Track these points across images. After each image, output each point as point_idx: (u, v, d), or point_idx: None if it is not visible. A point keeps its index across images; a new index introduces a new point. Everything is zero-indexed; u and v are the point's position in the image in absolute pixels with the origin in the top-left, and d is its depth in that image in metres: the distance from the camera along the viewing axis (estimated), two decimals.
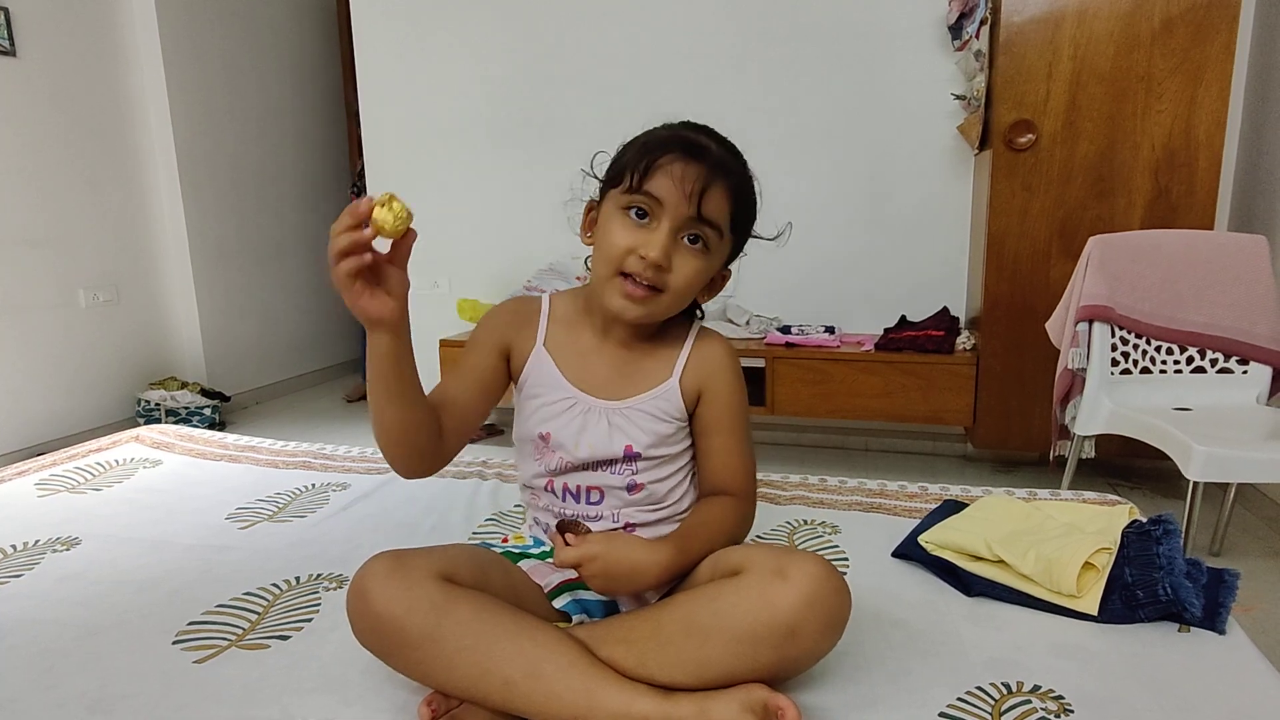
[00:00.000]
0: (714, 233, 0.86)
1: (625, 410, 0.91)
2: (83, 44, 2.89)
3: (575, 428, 0.91)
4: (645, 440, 0.91)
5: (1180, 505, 1.62)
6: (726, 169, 0.85)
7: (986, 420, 2.34)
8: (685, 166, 0.82)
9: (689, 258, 0.85)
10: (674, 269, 0.84)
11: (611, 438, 0.90)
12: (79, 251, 2.90)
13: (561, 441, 0.91)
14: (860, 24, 2.57)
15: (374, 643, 0.76)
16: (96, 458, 1.61)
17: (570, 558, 0.80)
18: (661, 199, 0.83)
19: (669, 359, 0.94)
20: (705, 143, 0.86)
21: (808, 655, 0.75)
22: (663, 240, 0.83)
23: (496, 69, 2.94)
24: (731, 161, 0.87)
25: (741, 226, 0.90)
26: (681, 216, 0.83)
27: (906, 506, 1.29)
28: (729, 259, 0.93)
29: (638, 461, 0.91)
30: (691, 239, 0.85)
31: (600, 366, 0.93)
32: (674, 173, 0.82)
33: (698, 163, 0.83)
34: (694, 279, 0.86)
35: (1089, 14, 2.09)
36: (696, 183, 0.82)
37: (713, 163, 0.84)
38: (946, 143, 2.54)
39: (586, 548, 0.80)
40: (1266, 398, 1.82)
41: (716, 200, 0.84)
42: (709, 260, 0.87)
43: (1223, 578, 0.94)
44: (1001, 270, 2.27)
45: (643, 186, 0.83)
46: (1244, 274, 1.83)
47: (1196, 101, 2.06)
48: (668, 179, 0.82)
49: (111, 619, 0.95)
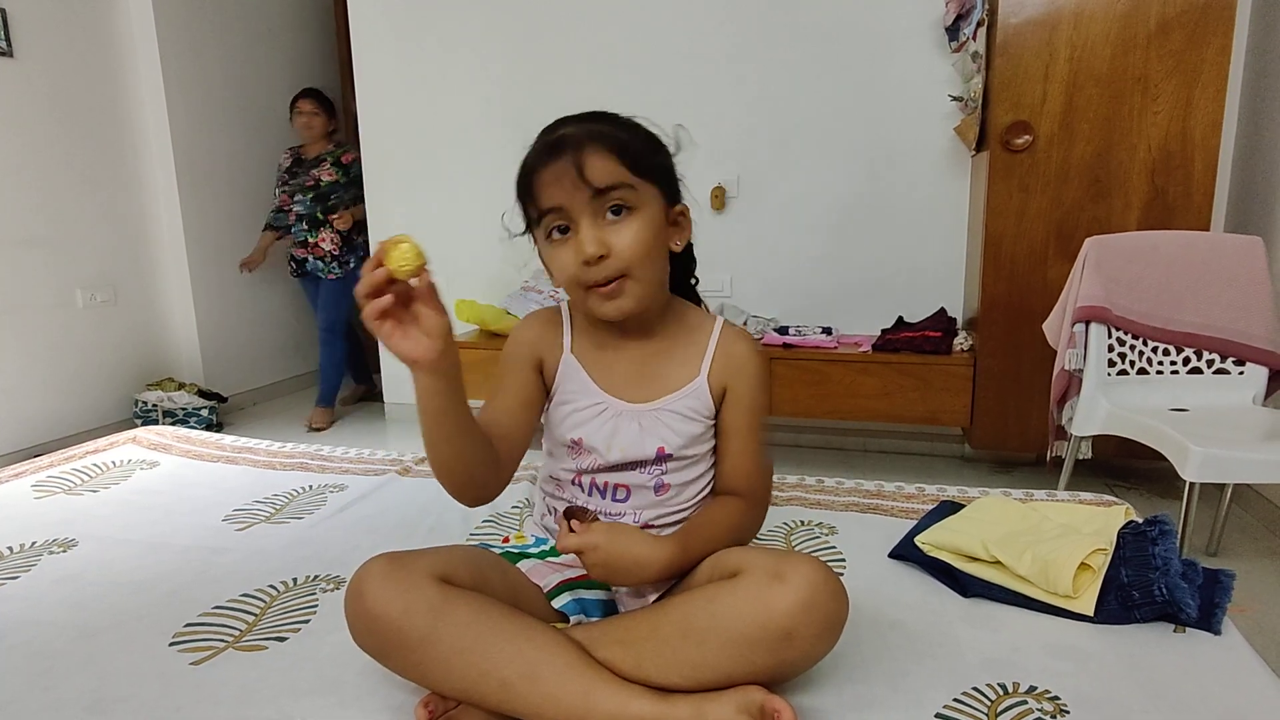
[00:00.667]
0: (624, 191, 0.83)
1: (655, 412, 0.92)
2: (80, 45, 2.89)
3: (607, 431, 0.91)
4: (677, 441, 0.91)
5: (1177, 506, 1.62)
6: (589, 135, 0.83)
7: (984, 421, 2.34)
8: (551, 164, 0.82)
9: (623, 228, 0.83)
10: (616, 248, 0.83)
11: (643, 440, 0.91)
12: (77, 252, 2.90)
13: (594, 445, 0.91)
14: (858, 25, 2.57)
15: (371, 644, 0.76)
16: (93, 459, 1.61)
17: (572, 544, 0.79)
18: (559, 205, 0.83)
19: (695, 356, 0.94)
20: (557, 133, 0.84)
21: (804, 658, 0.75)
22: (588, 234, 0.82)
23: (494, 69, 2.94)
24: (590, 126, 0.84)
25: (650, 169, 0.86)
26: (582, 203, 0.82)
27: (903, 507, 1.29)
28: (670, 199, 0.90)
29: (668, 462, 0.92)
30: (613, 211, 0.83)
31: (626, 369, 0.94)
32: (549, 177, 0.82)
33: (559, 152, 0.82)
34: (640, 240, 0.84)
35: (1085, 16, 2.09)
36: (569, 167, 0.81)
37: (572, 141, 0.82)
38: (943, 144, 2.54)
39: (589, 536, 0.79)
40: (1263, 398, 1.82)
41: (600, 166, 0.81)
42: (642, 215, 0.84)
43: (1218, 578, 0.94)
44: (999, 271, 2.27)
45: (540, 206, 0.84)
46: (1240, 275, 1.84)
47: (1193, 103, 2.07)
48: (550, 185, 0.82)
49: (108, 620, 0.95)
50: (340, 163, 3.18)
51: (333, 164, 3.17)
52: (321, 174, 3.17)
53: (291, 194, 3.21)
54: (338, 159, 3.18)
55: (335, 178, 3.17)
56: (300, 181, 3.19)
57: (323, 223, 3.15)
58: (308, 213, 3.17)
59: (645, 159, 0.85)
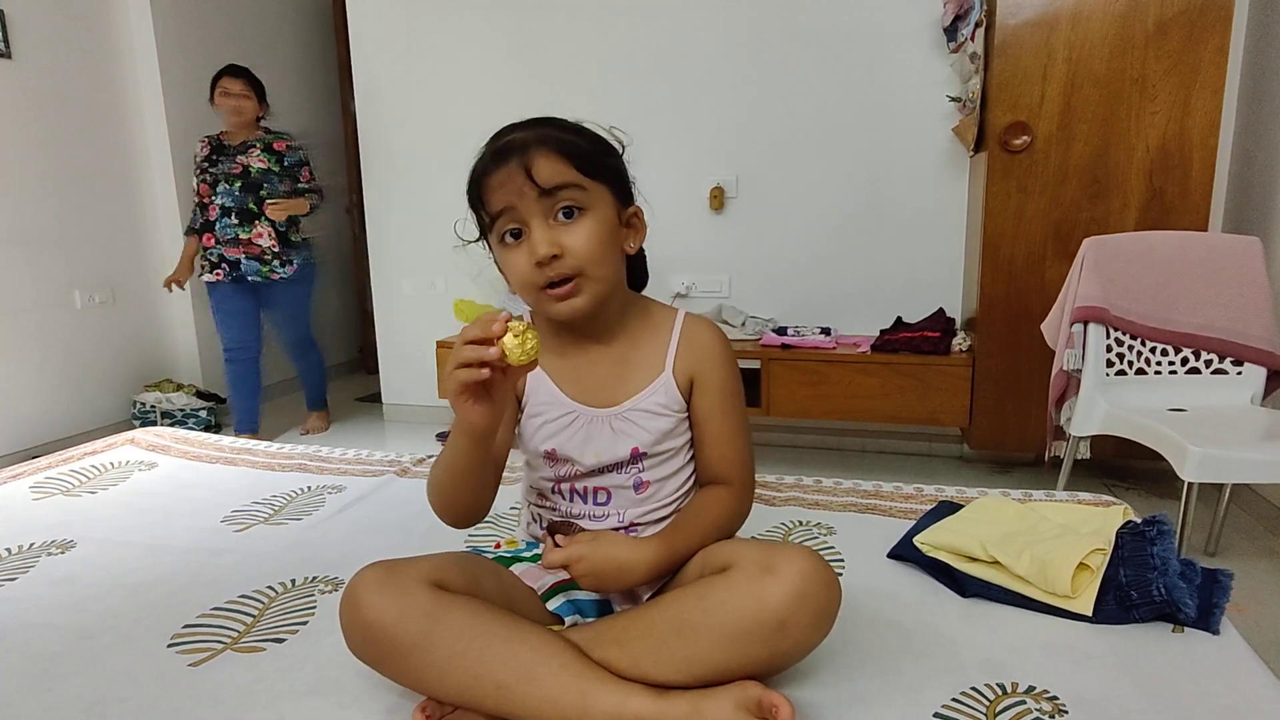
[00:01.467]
0: (574, 191, 0.83)
1: (626, 413, 0.91)
2: (78, 46, 2.89)
3: (580, 439, 0.91)
4: (649, 439, 0.91)
5: (1175, 505, 1.62)
6: (536, 138, 0.83)
7: (982, 421, 2.35)
8: (499, 168, 0.83)
9: (575, 228, 0.83)
10: (568, 248, 0.83)
11: (616, 442, 0.91)
12: (75, 253, 2.89)
13: (569, 454, 0.91)
14: (856, 26, 2.57)
15: (367, 652, 0.76)
16: (92, 460, 1.60)
17: (557, 559, 0.81)
18: (509, 206, 0.83)
19: (659, 351, 0.94)
20: (504, 139, 0.85)
21: (798, 648, 0.75)
22: (540, 235, 0.82)
23: (492, 70, 2.94)
24: (537, 129, 0.85)
25: (599, 169, 0.85)
26: (532, 203, 0.82)
27: (902, 508, 1.30)
28: (622, 200, 0.89)
29: (644, 460, 0.92)
30: (565, 213, 0.83)
31: (593, 374, 0.93)
32: (498, 180, 0.83)
33: (506, 156, 0.82)
34: (592, 240, 0.84)
35: (1083, 17, 2.10)
36: (517, 169, 0.81)
37: (519, 144, 0.83)
38: (942, 145, 2.55)
39: (573, 549, 0.80)
40: (1261, 398, 1.83)
41: (547, 167, 0.82)
42: (594, 215, 0.85)
43: (1217, 578, 0.94)
44: (997, 271, 2.27)
45: (491, 210, 0.84)
46: (1238, 275, 1.84)
47: (1190, 104, 2.07)
48: (499, 189, 0.83)
49: (106, 622, 0.95)
50: (272, 149, 2.78)
51: (263, 150, 2.76)
52: (250, 160, 2.74)
53: (214, 184, 2.73)
54: (269, 145, 2.78)
55: (268, 165, 2.75)
56: (224, 169, 2.73)
57: (257, 215, 2.73)
58: (236, 205, 2.72)
59: (594, 160, 0.85)
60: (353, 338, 4.33)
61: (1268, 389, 1.84)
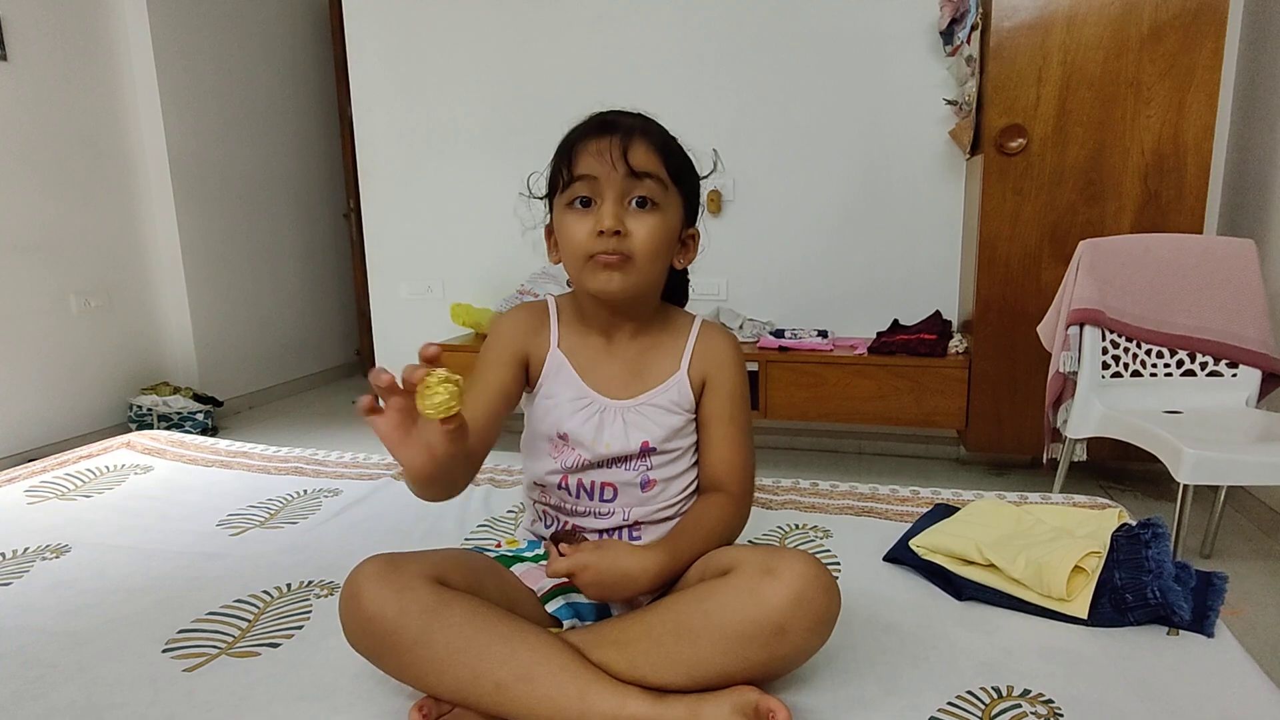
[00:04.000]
0: (656, 185, 0.87)
1: (639, 407, 0.93)
2: (75, 50, 2.88)
3: (593, 426, 0.93)
4: (659, 434, 0.93)
5: (1171, 507, 1.63)
6: (643, 128, 0.88)
7: (979, 423, 2.35)
8: (601, 139, 0.86)
9: (643, 218, 0.87)
10: (632, 233, 0.86)
11: (628, 435, 0.92)
12: (71, 257, 2.89)
13: (581, 439, 0.92)
14: (853, 29, 2.58)
15: (366, 645, 0.76)
16: (87, 464, 1.60)
17: (562, 568, 0.80)
18: (595, 175, 0.86)
19: (676, 352, 0.97)
20: (614, 116, 0.90)
21: (798, 652, 0.75)
22: (611, 209, 0.85)
23: (488, 74, 2.94)
24: (645, 122, 0.90)
25: (682, 178, 0.91)
26: (618, 181, 0.85)
27: (898, 510, 1.30)
28: (689, 218, 0.94)
29: (652, 457, 0.93)
30: (639, 202, 0.87)
31: (611, 366, 0.96)
32: (595, 148, 0.86)
33: (612, 131, 0.86)
34: (655, 236, 0.88)
35: (1078, 20, 2.10)
36: (618, 146, 0.85)
37: (627, 126, 0.87)
38: (938, 147, 2.55)
39: (578, 558, 0.80)
40: (1256, 400, 1.83)
41: (643, 153, 0.86)
42: (663, 216, 0.89)
43: (1211, 581, 0.95)
44: (993, 274, 2.28)
45: (574, 174, 0.87)
46: (1232, 277, 1.84)
47: (1185, 106, 2.08)
48: (592, 156, 0.86)
49: (101, 627, 0.95)
50: None
51: None
52: None
53: None
54: None
55: None
56: None
57: None
58: None
59: (681, 168, 0.91)
60: (350, 341, 4.32)
61: (1263, 391, 1.84)
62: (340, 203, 4.16)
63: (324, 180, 4.07)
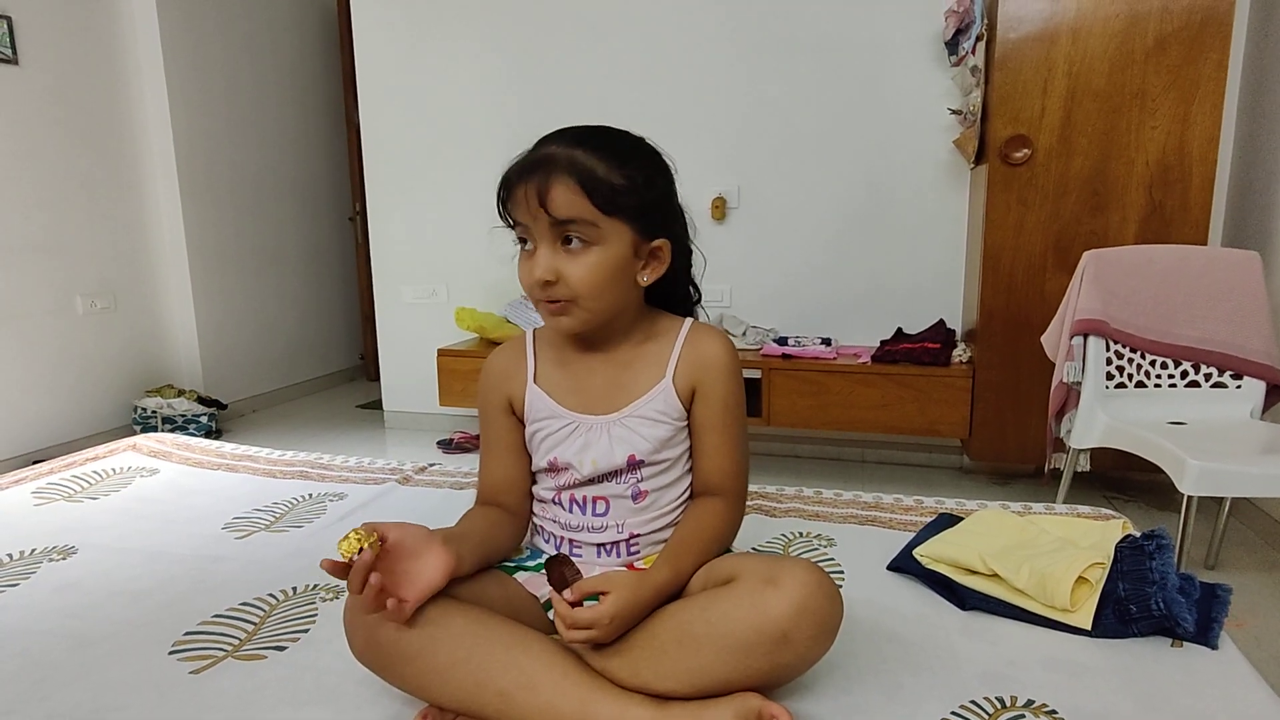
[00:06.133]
0: (583, 226, 0.83)
1: (624, 420, 0.92)
2: (84, 53, 2.90)
3: (578, 446, 0.92)
4: (647, 446, 0.91)
5: (1175, 518, 1.63)
6: (565, 164, 0.82)
7: (982, 433, 2.35)
8: (522, 185, 0.84)
9: (576, 260, 0.84)
10: (565, 276, 0.84)
11: (614, 449, 0.91)
12: (78, 259, 2.90)
13: (568, 461, 0.92)
14: (858, 38, 2.59)
15: (370, 657, 0.77)
16: (93, 466, 1.61)
17: (582, 631, 0.75)
18: (524, 222, 0.85)
19: (661, 360, 0.94)
20: (542, 151, 0.85)
21: (801, 661, 0.75)
22: (543, 260, 0.84)
23: (495, 79, 2.96)
24: (574, 152, 0.83)
25: (619, 205, 0.84)
26: (543, 228, 0.84)
27: (902, 520, 1.30)
28: (648, 233, 0.88)
29: (642, 469, 0.92)
30: (566, 240, 0.84)
31: (594, 382, 0.94)
32: (519, 195, 0.84)
33: (530, 174, 0.83)
34: (591, 274, 0.84)
35: (1084, 31, 2.11)
36: (534, 194, 0.82)
37: (547, 166, 0.82)
38: (942, 157, 2.56)
39: (598, 612, 0.75)
40: (1260, 412, 1.83)
41: (561, 198, 0.82)
42: (602, 250, 0.84)
43: (1215, 592, 0.95)
44: (997, 283, 2.28)
45: (511, 218, 0.87)
46: (1237, 289, 1.85)
47: (1190, 118, 2.08)
48: (519, 203, 0.85)
49: (107, 629, 0.95)
50: None
51: None
52: None
53: None
54: None
55: None
56: None
57: None
58: None
59: (615, 198, 0.83)
60: (354, 344, 4.33)
61: (1267, 403, 1.84)
62: (345, 206, 4.18)
63: (329, 184, 4.08)
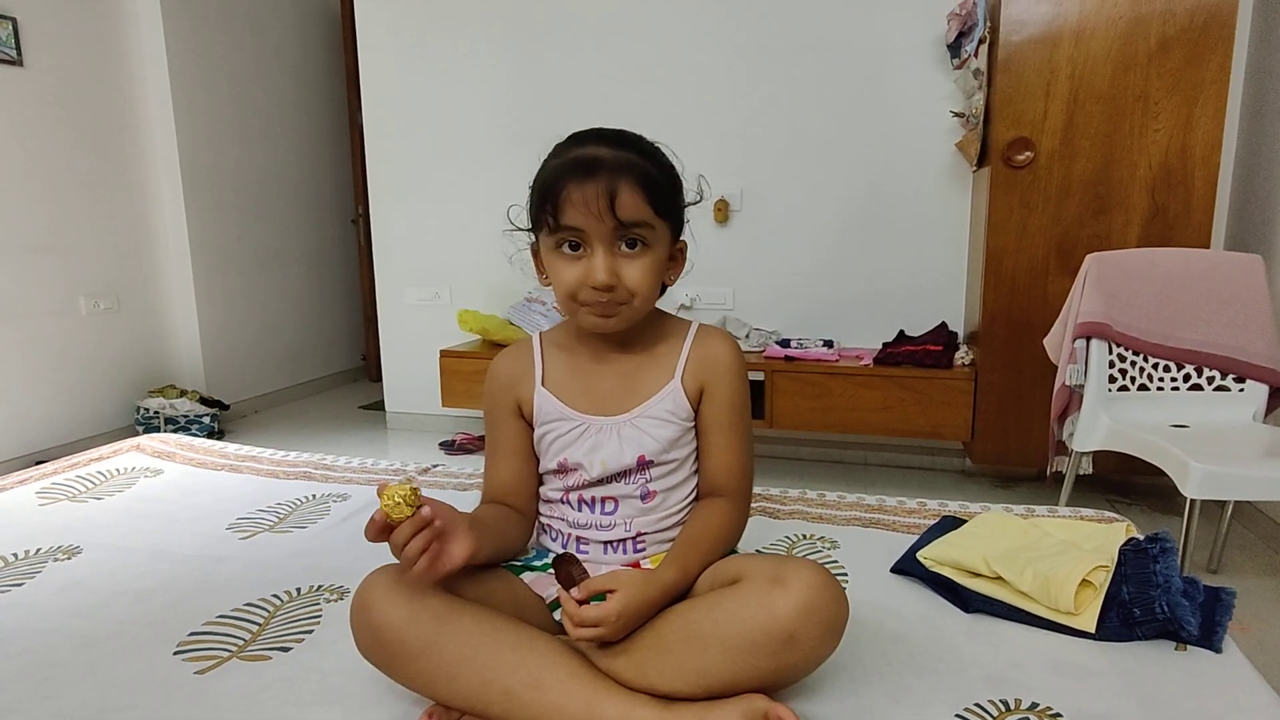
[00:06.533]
0: (644, 229, 0.85)
1: (634, 421, 0.92)
2: (89, 54, 2.91)
3: (588, 447, 0.92)
4: (656, 447, 0.92)
5: (1178, 522, 1.62)
6: (625, 166, 0.83)
7: (985, 435, 2.35)
8: (585, 188, 0.81)
9: (634, 262, 0.85)
10: (624, 278, 0.85)
11: (623, 450, 0.91)
12: (81, 259, 2.91)
13: (578, 462, 0.92)
14: (861, 41, 2.59)
15: (376, 655, 0.77)
16: (98, 466, 1.61)
17: (589, 629, 0.76)
18: (581, 227, 0.83)
19: (669, 360, 0.95)
20: (594, 153, 0.83)
21: (807, 661, 0.75)
22: (601, 264, 0.84)
23: (499, 82, 2.96)
24: (627, 155, 0.84)
25: (668, 207, 0.87)
26: (606, 233, 0.83)
27: (905, 522, 1.30)
28: (674, 236, 0.92)
29: (651, 469, 0.93)
30: (629, 244, 0.85)
31: (604, 383, 0.95)
32: (579, 199, 0.82)
33: (594, 178, 0.81)
34: (647, 277, 0.86)
35: (1086, 34, 2.11)
36: (603, 197, 0.81)
37: (609, 169, 0.82)
38: (945, 159, 2.56)
39: (607, 610, 0.76)
40: (1263, 415, 1.83)
41: (629, 201, 0.82)
42: (654, 252, 0.87)
43: (1219, 596, 0.95)
44: (1000, 286, 2.28)
45: (560, 224, 0.84)
46: (1240, 293, 1.85)
47: (1193, 121, 2.08)
48: (577, 208, 0.82)
49: (112, 629, 0.95)
50: None
51: None
52: None
53: None
54: None
55: None
56: None
57: None
58: None
59: (668, 198, 0.87)
60: (356, 345, 4.34)
61: (1270, 406, 1.84)
62: (349, 208, 4.18)
63: (333, 186, 4.09)
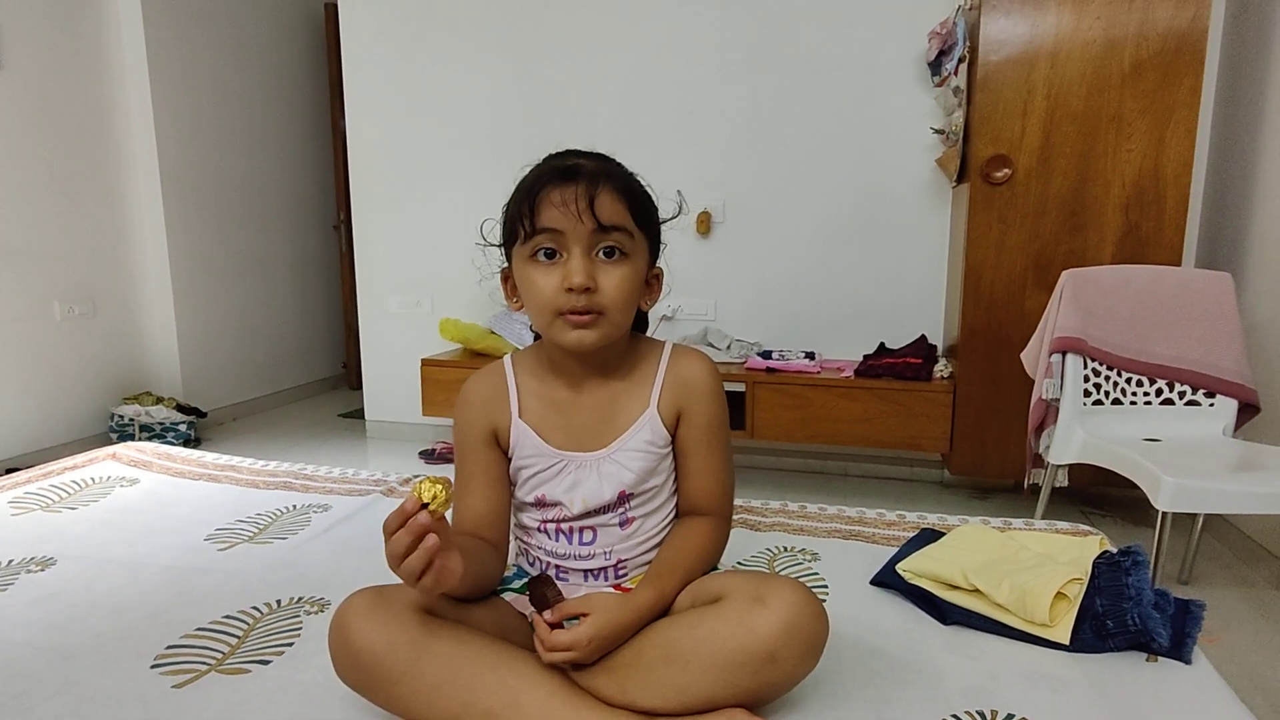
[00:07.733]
0: (623, 235, 0.84)
1: (613, 456, 0.90)
2: (69, 57, 2.88)
3: (567, 484, 0.90)
4: (634, 479, 0.90)
5: (1150, 533, 1.65)
6: (606, 174, 0.83)
7: (963, 447, 2.38)
8: (565, 188, 0.81)
9: (613, 270, 0.84)
10: (602, 286, 0.83)
11: (603, 486, 0.90)
12: (55, 264, 2.87)
13: (557, 499, 0.90)
14: (844, 58, 2.63)
15: (355, 679, 0.77)
16: (72, 475, 1.59)
17: (561, 652, 0.77)
18: (559, 228, 0.81)
19: (644, 387, 0.92)
20: (574, 161, 0.84)
21: (787, 679, 0.76)
22: (580, 264, 0.81)
23: (483, 92, 2.97)
24: (607, 166, 0.86)
25: (646, 221, 0.87)
26: (585, 234, 0.81)
27: (885, 534, 1.31)
28: (654, 255, 0.91)
29: (630, 500, 0.91)
30: (606, 252, 0.83)
31: (580, 416, 0.92)
32: (558, 199, 0.81)
33: (575, 180, 0.81)
34: (625, 287, 0.84)
35: (1062, 56, 2.16)
36: (582, 198, 0.81)
37: (589, 174, 0.82)
38: (925, 175, 2.60)
39: (577, 635, 0.77)
40: (1233, 429, 1.87)
41: (609, 203, 0.82)
42: (632, 263, 0.85)
43: (1189, 609, 0.97)
44: (978, 300, 2.31)
45: (537, 226, 0.82)
46: (1210, 309, 1.89)
47: (1165, 141, 2.13)
48: (556, 208, 0.81)
49: (87, 641, 0.94)
50: None
51: None
52: None
53: None
54: None
55: None
56: None
57: None
58: None
59: (646, 212, 0.87)
60: (336, 353, 4.31)
61: (1239, 420, 1.88)
62: (330, 214, 4.16)
63: (314, 191, 4.07)
